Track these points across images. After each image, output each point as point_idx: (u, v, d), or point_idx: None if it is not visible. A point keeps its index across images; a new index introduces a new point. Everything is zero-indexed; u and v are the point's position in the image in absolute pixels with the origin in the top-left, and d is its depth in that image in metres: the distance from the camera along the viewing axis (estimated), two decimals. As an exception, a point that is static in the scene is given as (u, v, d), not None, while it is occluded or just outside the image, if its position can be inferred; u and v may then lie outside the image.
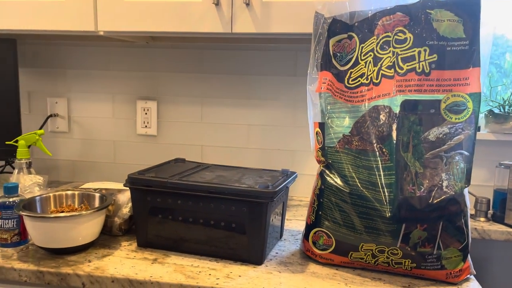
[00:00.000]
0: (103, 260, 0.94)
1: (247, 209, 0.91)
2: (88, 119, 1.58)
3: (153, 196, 0.97)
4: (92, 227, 0.96)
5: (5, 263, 0.91)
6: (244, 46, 1.46)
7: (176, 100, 1.52)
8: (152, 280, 0.86)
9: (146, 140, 1.56)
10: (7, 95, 1.35)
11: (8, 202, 0.98)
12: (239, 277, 0.88)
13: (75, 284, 0.88)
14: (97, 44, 1.53)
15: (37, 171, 1.43)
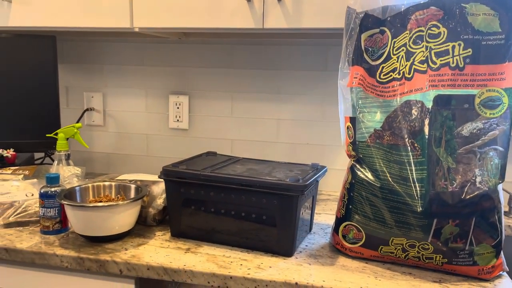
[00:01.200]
0: (138, 249, 0.98)
1: (278, 202, 0.93)
2: (122, 113, 1.63)
3: (186, 187, 1.01)
4: (128, 217, 1.00)
5: (47, 249, 0.96)
6: (274, 41, 1.47)
7: (207, 95, 1.55)
8: (185, 268, 0.89)
9: (177, 134, 1.60)
10: (47, 90, 1.41)
11: (50, 191, 1.03)
12: (269, 268, 0.90)
13: (113, 271, 0.93)
14: (132, 41, 1.58)
15: (74, 163, 1.49)
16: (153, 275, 0.91)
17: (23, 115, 1.40)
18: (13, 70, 1.38)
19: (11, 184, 1.16)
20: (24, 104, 1.40)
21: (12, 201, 1.10)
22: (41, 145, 1.42)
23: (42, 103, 1.41)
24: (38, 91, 1.41)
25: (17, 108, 1.39)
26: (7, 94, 1.38)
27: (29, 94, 1.40)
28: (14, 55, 1.38)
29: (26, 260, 0.96)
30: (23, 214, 1.08)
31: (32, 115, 1.41)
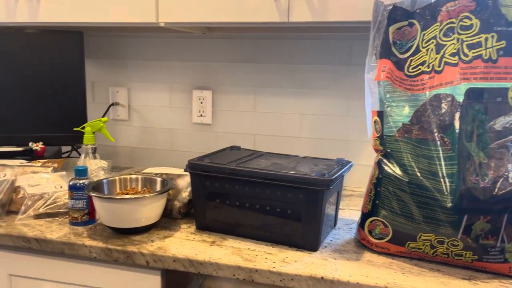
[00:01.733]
0: (164, 241, 0.99)
1: (303, 196, 0.93)
2: (147, 108, 1.65)
3: (211, 181, 1.01)
4: (154, 209, 1.01)
5: (76, 240, 0.98)
6: (298, 36, 1.46)
7: (230, 90, 1.55)
8: (211, 261, 0.90)
9: (201, 128, 1.61)
10: (74, 85, 1.44)
11: (79, 183, 1.05)
12: (295, 262, 0.90)
13: (140, 262, 0.94)
14: (156, 36, 1.59)
15: (100, 157, 1.51)
16: (179, 267, 0.92)
17: (51, 109, 1.43)
18: (41, 65, 1.41)
19: (41, 176, 1.18)
20: (52, 99, 1.43)
21: (42, 193, 1.12)
22: (68, 138, 1.45)
23: (69, 97, 1.44)
24: (65, 86, 1.43)
25: (45, 102, 1.43)
26: (36, 89, 1.42)
27: (57, 89, 1.43)
28: (42, 51, 1.41)
29: (56, 250, 0.99)
30: (52, 206, 1.11)
31: (60, 110, 1.44)
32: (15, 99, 1.41)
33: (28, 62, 1.40)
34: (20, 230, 1.02)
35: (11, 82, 1.40)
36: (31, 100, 1.42)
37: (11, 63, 1.39)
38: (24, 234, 1.00)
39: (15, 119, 1.41)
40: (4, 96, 1.40)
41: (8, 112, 1.40)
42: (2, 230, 1.02)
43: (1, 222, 1.07)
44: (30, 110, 1.42)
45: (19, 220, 1.08)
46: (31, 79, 1.41)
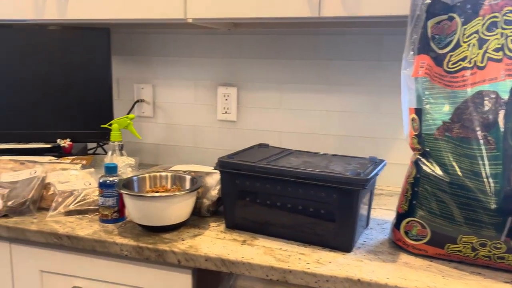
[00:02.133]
0: (195, 239, 0.98)
1: (337, 196, 0.91)
2: (171, 105, 1.64)
3: (242, 179, 1.00)
4: (184, 207, 1.00)
5: (108, 238, 0.98)
6: (325, 31, 1.43)
7: (255, 86, 1.53)
8: (243, 261, 0.88)
9: (225, 125, 1.59)
10: (101, 81, 1.44)
11: (109, 181, 1.05)
12: (329, 263, 0.88)
13: (171, 261, 0.93)
14: (181, 32, 1.58)
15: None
16: (211, 266, 0.91)
17: (78, 106, 1.44)
18: (69, 62, 1.42)
19: (70, 173, 1.19)
20: (79, 96, 1.43)
21: (72, 190, 1.13)
22: (95, 135, 1.46)
23: (96, 94, 1.44)
24: (92, 83, 1.44)
25: (72, 99, 1.43)
26: (63, 85, 1.42)
27: (84, 85, 1.43)
28: (69, 48, 1.41)
29: (87, 247, 0.99)
30: (82, 203, 1.11)
31: (86, 107, 1.44)
32: (43, 96, 1.42)
33: (56, 59, 1.41)
34: (52, 227, 1.03)
35: (38, 79, 1.41)
36: (58, 97, 1.43)
37: (38, 61, 1.40)
38: (55, 231, 1.01)
39: (43, 116, 1.42)
40: (32, 94, 1.41)
41: (36, 109, 1.42)
42: (34, 227, 1.03)
43: (32, 219, 1.08)
44: (57, 107, 1.43)
45: (50, 217, 1.08)
46: (58, 76, 1.42)
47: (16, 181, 1.14)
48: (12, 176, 1.15)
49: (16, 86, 1.39)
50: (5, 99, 1.39)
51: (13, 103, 1.40)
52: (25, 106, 1.41)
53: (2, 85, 1.39)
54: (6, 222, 1.05)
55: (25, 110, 1.41)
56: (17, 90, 1.40)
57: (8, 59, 1.38)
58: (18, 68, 1.39)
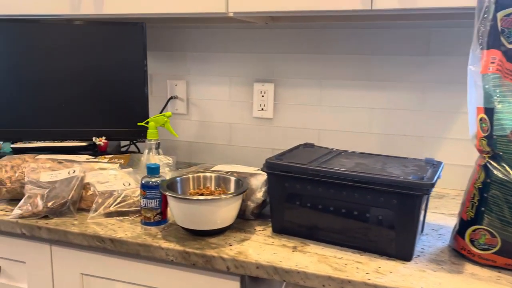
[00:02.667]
0: (243, 245, 0.93)
1: (398, 201, 0.85)
2: (206, 102, 1.60)
3: (291, 182, 0.95)
4: (231, 211, 0.96)
5: (152, 242, 0.94)
6: (369, 24, 1.36)
7: (293, 83, 1.48)
8: (298, 269, 0.83)
9: (261, 123, 1.54)
10: (136, 78, 1.40)
11: (151, 182, 1.01)
12: (389, 273, 0.82)
13: (220, 267, 0.89)
14: (217, 27, 1.53)
15: (160, 152, 1.48)
16: (262, 274, 0.86)
17: (113, 103, 1.40)
18: (103, 58, 1.38)
19: (109, 173, 1.16)
20: (114, 93, 1.40)
21: (112, 190, 1.09)
22: (130, 133, 1.42)
23: (131, 91, 1.41)
24: (127, 79, 1.40)
25: (107, 96, 1.40)
26: (97, 82, 1.39)
27: (119, 82, 1.40)
28: (104, 43, 1.38)
29: (131, 251, 0.95)
30: (122, 204, 1.08)
31: (121, 104, 1.41)
32: (77, 94, 1.39)
33: (90, 56, 1.37)
34: (94, 229, 0.99)
35: (72, 76, 1.37)
36: (93, 94, 1.39)
37: (72, 56, 1.37)
38: (98, 234, 0.97)
39: (78, 113, 1.39)
40: (66, 91, 1.38)
41: (71, 106, 1.39)
42: (76, 229, 1.00)
43: (73, 220, 1.05)
44: (92, 104, 1.40)
45: (90, 219, 1.05)
46: (93, 73, 1.38)
47: (55, 181, 1.11)
48: (50, 176, 1.13)
49: (51, 83, 1.37)
50: (40, 97, 1.37)
51: (47, 101, 1.37)
52: (59, 104, 1.38)
53: (37, 83, 1.36)
54: (46, 223, 1.03)
55: (60, 107, 1.38)
56: (52, 87, 1.37)
57: (41, 57, 1.35)
58: (52, 65, 1.36)
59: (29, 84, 1.36)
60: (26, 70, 1.35)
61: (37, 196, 1.08)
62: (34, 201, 1.07)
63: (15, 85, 1.35)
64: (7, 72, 1.34)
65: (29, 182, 1.11)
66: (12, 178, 1.13)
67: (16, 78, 1.35)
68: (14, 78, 1.35)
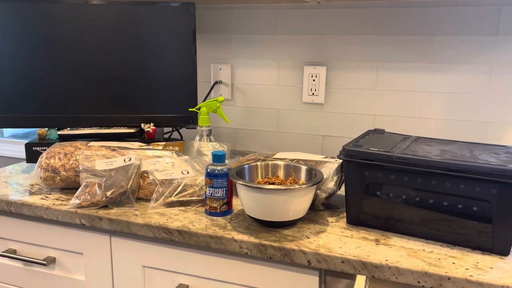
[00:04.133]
0: (320, 237, 0.88)
1: (498, 192, 0.78)
2: (252, 86, 1.53)
3: (372, 171, 0.88)
4: (305, 202, 0.90)
5: (224, 234, 0.88)
6: (431, 3, 1.28)
7: (347, 65, 1.40)
8: (389, 264, 0.77)
9: (311, 108, 1.48)
10: (184, 61, 1.33)
11: (218, 170, 0.95)
12: (490, 269, 0.76)
13: (300, 261, 0.83)
14: (265, 7, 1.46)
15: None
16: (348, 269, 0.80)
17: (161, 88, 1.34)
18: (151, 40, 1.32)
19: (166, 161, 1.10)
20: (161, 77, 1.34)
21: (171, 179, 1.04)
22: (178, 119, 1.36)
23: (179, 76, 1.34)
24: (175, 62, 1.34)
25: (154, 81, 1.34)
26: (144, 66, 1.33)
27: (167, 66, 1.33)
28: (152, 24, 1.31)
29: (201, 243, 0.90)
30: (184, 193, 1.02)
31: (169, 89, 1.34)
32: (123, 78, 1.32)
33: (137, 39, 1.31)
34: (159, 220, 0.94)
35: (118, 60, 1.31)
36: (140, 78, 1.33)
37: (119, 39, 1.30)
38: (165, 225, 0.92)
39: (124, 99, 1.34)
40: (112, 75, 1.32)
41: (117, 92, 1.33)
42: (140, 220, 0.95)
43: (133, 210, 1.00)
44: (139, 89, 1.34)
45: (152, 209, 1.00)
46: (140, 55, 1.32)
47: (111, 169, 1.06)
48: (106, 164, 1.08)
49: (97, 67, 1.31)
50: (85, 82, 1.31)
51: (93, 86, 1.31)
52: (106, 89, 1.32)
53: (83, 67, 1.30)
54: (107, 213, 0.98)
55: (106, 92, 1.32)
56: (98, 72, 1.31)
57: (87, 40, 1.29)
58: (98, 48, 1.30)
59: (74, 68, 1.30)
60: (70, 54, 1.29)
61: (94, 185, 1.03)
62: (91, 190, 1.02)
63: (60, 69, 1.30)
64: (52, 57, 1.29)
65: (84, 171, 1.06)
66: (66, 166, 1.08)
67: (62, 63, 1.29)
68: (60, 63, 1.29)
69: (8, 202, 1.05)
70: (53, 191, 1.11)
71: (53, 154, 1.10)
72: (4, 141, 2.14)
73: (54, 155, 1.09)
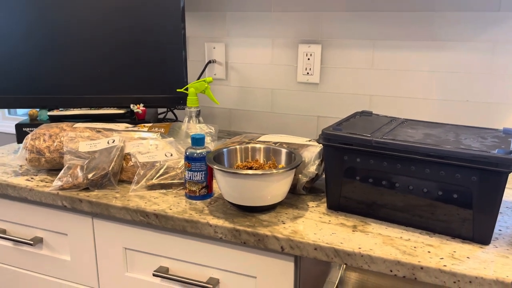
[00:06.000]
0: (296, 222, 0.86)
1: (479, 179, 0.74)
2: (246, 66, 1.50)
3: (352, 155, 0.85)
4: (283, 186, 0.88)
5: (200, 218, 0.87)
6: (433, -24, 1.21)
7: (343, 44, 1.35)
8: (362, 252, 0.75)
9: (306, 88, 1.44)
10: (173, 40, 1.31)
11: (196, 154, 0.94)
12: (467, 258, 0.73)
13: (273, 247, 0.82)
14: (258, -17, 1.41)
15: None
16: (321, 256, 0.78)
17: (150, 68, 1.32)
18: (139, 19, 1.29)
19: (149, 143, 1.09)
20: (151, 57, 1.31)
21: (154, 162, 1.03)
22: (168, 100, 1.35)
23: (168, 55, 1.32)
24: (164, 41, 1.31)
25: (143, 60, 1.32)
26: (133, 46, 1.30)
27: (155, 45, 1.31)
28: (141, 2, 1.28)
29: (177, 227, 0.89)
30: (166, 176, 1.01)
31: (158, 69, 1.32)
32: (112, 58, 1.31)
33: (127, 16, 1.28)
34: (137, 203, 0.94)
35: (107, 39, 1.29)
36: (128, 58, 1.31)
37: (107, 18, 1.28)
38: (142, 208, 0.92)
39: (114, 79, 1.32)
40: (101, 55, 1.30)
41: (106, 72, 1.31)
42: (119, 202, 0.94)
43: (114, 193, 1.00)
44: (128, 70, 1.32)
45: (132, 191, 1.00)
46: (128, 36, 1.30)
47: (94, 151, 1.06)
48: (89, 146, 1.07)
49: (85, 48, 1.29)
50: (74, 62, 1.30)
51: (82, 66, 1.30)
52: (95, 69, 1.31)
53: (72, 48, 1.29)
54: (88, 196, 0.98)
55: (95, 73, 1.31)
56: (87, 52, 1.30)
57: (75, 19, 1.27)
58: (86, 28, 1.28)
59: (63, 49, 1.29)
60: (59, 35, 1.28)
61: (76, 167, 1.03)
62: (74, 172, 1.02)
63: (50, 50, 1.29)
64: (40, 37, 1.28)
65: (67, 152, 1.06)
66: (50, 147, 1.08)
67: (50, 43, 1.28)
68: (48, 43, 1.28)
69: (-6, 183, 1.07)
70: (40, 172, 1.12)
71: (38, 135, 1.10)
72: (10, 119, 2.18)
73: (39, 137, 1.10)
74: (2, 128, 2.18)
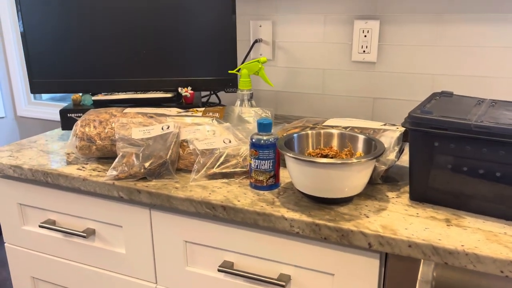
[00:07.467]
0: (382, 216, 0.78)
1: None
2: (295, 45, 1.40)
3: (444, 141, 0.76)
4: (363, 177, 0.80)
5: (272, 210, 0.80)
6: None
7: (404, 19, 1.24)
8: (466, 250, 0.67)
9: (362, 68, 1.34)
10: (222, 20, 1.22)
11: (263, 141, 0.86)
12: None
13: (360, 244, 0.74)
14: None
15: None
16: (416, 254, 0.71)
17: (198, 49, 1.24)
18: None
19: (206, 128, 1.02)
20: (198, 38, 1.23)
21: (213, 149, 0.96)
22: (217, 82, 1.26)
23: (217, 35, 1.23)
24: (212, 20, 1.22)
25: (190, 41, 1.23)
26: (179, 26, 1.22)
27: (203, 24, 1.22)
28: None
29: (248, 220, 0.82)
30: (227, 165, 0.94)
31: (207, 50, 1.24)
32: (158, 39, 1.23)
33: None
34: (201, 194, 0.87)
35: (152, 19, 1.21)
36: (176, 40, 1.23)
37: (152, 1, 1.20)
38: (208, 200, 0.85)
39: (160, 61, 1.24)
40: (146, 36, 1.22)
41: (152, 53, 1.24)
42: (181, 193, 0.88)
43: (174, 183, 0.93)
44: (175, 52, 1.24)
45: (193, 181, 0.93)
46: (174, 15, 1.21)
47: (148, 138, 0.99)
48: (143, 132, 1.00)
49: (130, 28, 1.21)
50: (119, 44, 1.22)
51: (127, 48, 1.23)
52: (140, 51, 1.23)
53: (115, 29, 1.21)
54: (146, 186, 0.91)
55: (141, 55, 1.23)
56: (131, 33, 1.22)
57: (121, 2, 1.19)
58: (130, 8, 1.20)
59: (107, 31, 1.21)
60: (104, 17, 1.20)
61: (131, 155, 0.96)
62: (128, 160, 0.96)
63: (94, 33, 1.21)
64: (86, 21, 1.20)
65: (120, 140, 0.99)
66: (101, 134, 1.02)
67: (93, 25, 1.21)
68: (93, 26, 1.21)
69: (44, 173, 1.01)
70: (90, 160, 1.06)
71: (88, 122, 1.03)
72: (41, 104, 2.13)
73: (88, 123, 1.03)
74: (29, 113, 2.14)
